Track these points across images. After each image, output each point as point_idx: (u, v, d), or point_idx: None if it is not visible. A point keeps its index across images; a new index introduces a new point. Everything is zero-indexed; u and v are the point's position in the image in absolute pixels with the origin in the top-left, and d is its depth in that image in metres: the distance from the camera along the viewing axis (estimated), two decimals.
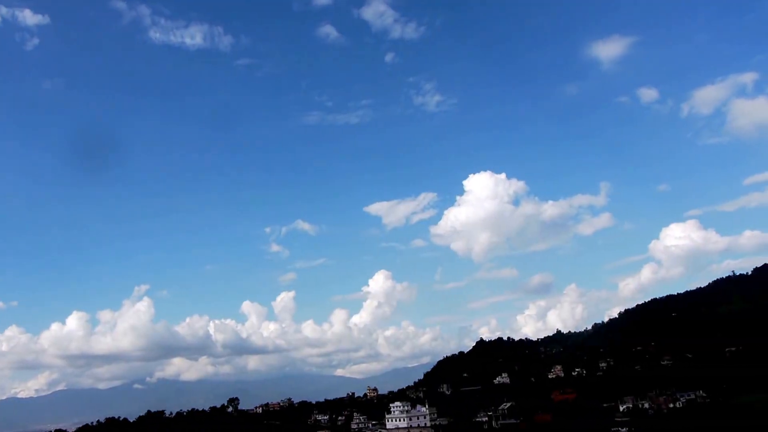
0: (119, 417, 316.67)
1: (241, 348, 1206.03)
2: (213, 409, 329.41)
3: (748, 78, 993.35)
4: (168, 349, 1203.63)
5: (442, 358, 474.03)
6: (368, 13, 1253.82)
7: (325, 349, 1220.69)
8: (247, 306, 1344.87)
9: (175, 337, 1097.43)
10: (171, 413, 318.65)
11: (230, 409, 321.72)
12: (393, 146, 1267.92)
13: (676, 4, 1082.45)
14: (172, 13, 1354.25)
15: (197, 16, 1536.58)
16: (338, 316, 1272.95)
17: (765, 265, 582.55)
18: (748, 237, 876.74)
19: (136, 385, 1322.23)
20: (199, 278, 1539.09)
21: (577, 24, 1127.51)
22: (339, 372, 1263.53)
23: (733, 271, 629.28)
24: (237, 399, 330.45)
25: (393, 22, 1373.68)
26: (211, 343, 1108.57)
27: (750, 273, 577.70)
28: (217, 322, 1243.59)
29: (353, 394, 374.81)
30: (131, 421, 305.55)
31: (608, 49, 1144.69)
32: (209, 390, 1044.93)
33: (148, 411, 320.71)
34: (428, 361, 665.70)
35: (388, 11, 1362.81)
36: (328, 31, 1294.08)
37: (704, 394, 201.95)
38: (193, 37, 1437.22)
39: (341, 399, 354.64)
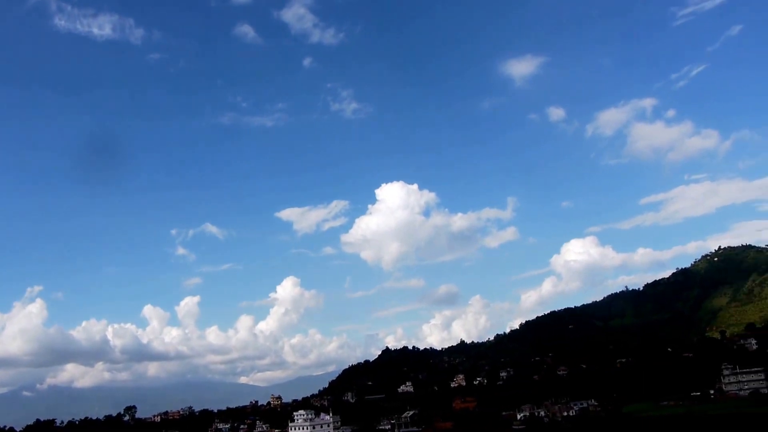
0: (5, 426, 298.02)
1: (140, 354, 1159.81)
2: (108, 417, 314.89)
3: (648, 103, 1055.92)
4: (61, 354, 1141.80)
5: (347, 367, 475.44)
6: (288, 15, 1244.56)
7: (229, 356, 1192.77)
8: (148, 310, 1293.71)
9: (69, 342, 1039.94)
10: (62, 422, 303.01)
11: (127, 417, 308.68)
12: (307, 152, 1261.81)
13: (586, 28, 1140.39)
14: (79, 0, 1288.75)
15: (107, 5, 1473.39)
16: (244, 322, 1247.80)
17: (655, 281, 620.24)
18: (642, 254, 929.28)
19: (24, 393, 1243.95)
20: (98, 280, 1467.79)
21: (493, 41, 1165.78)
22: (243, 380, 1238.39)
23: (626, 287, 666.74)
24: (134, 407, 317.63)
25: (312, 26, 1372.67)
26: (108, 349, 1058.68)
27: (641, 288, 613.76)
28: (115, 326, 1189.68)
29: (256, 402, 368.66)
30: (18, 430, 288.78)
31: (521, 67, 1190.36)
32: (105, 397, 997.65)
33: (37, 420, 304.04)
34: (334, 370, 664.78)
35: (307, 15, 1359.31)
36: (246, 30, 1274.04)
37: (596, 403, 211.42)
38: (102, 27, 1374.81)
39: (244, 407, 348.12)
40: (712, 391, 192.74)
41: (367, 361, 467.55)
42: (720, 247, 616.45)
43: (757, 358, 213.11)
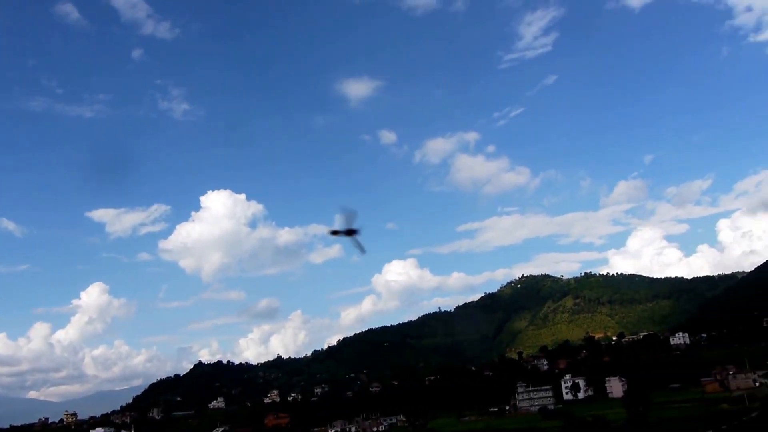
0: None
1: None
2: None
3: (472, 137, 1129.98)
4: None
5: (155, 381, 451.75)
6: (119, 0, 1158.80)
7: (18, 367, 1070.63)
8: None
9: None
10: None
11: None
12: (128, 149, 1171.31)
13: (422, 60, 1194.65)
14: None
15: None
16: (39, 330, 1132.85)
17: (465, 303, 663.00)
18: (456, 278, 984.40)
19: None
20: None
21: (333, 58, 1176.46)
22: (32, 394, 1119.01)
23: (439, 308, 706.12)
24: None
25: (146, 16, 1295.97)
26: None
27: (453, 310, 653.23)
28: None
29: (47, 419, 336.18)
30: None
31: (358, 88, 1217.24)
32: None
33: None
34: (140, 384, 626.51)
35: (141, 4, 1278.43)
36: (69, 10, 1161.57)
37: (404, 418, 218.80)
38: None
39: (31, 425, 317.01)
40: (507, 407, 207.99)
41: (177, 376, 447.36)
42: (523, 275, 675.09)
43: (547, 377, 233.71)
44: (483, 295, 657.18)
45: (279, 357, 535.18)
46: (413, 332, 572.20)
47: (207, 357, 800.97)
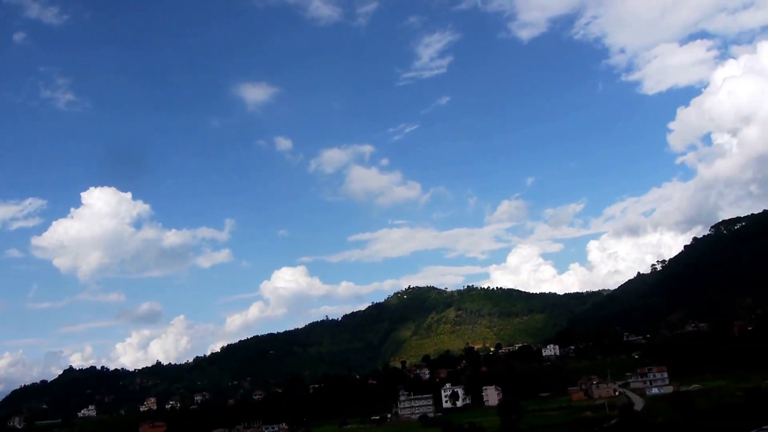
0: None
1: None
2: None
3: (367, 150, 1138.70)
4: None
5: (18, 388, 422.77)
6: None
7: None
8: None
9: None
10: None
11: None
12: (2, 137, 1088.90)
13: (321, 70, 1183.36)
14: None
15: None
16: None
17: (353, 312, 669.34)
18: (344, 287, 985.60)
19: None
20: None
21: (232, 60, 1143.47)
22: None
23: (327, 316, 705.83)
24: None
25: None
26: None
27: (340, 319, 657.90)
28: None
29: None
30: None
31: (255, 93, 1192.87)
32: None
33: None
34: (0, 390, 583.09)
35: None
36: None
37: (286, 426, 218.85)
38: None
39: None
40: (389, 415, 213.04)
41: (44, 382, 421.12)
42: (410, 286, 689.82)
43: (428, 386, 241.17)
44: (370, 304, 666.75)
45: (158, 363, 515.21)
46: (300, 340, 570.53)
47: (79, 362, 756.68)
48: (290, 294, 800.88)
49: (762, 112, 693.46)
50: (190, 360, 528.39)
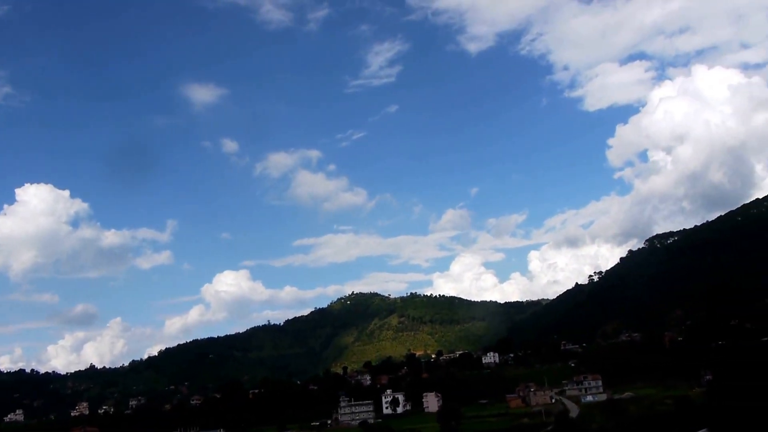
0: None
1: None
2: None
3: (314, 155, 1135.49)
4: None
5: None
6: None
7: None
8: None
9: None
10: None
11: None
12: None
13: (270, 73, 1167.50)
14: None
15: None
16: None
17: (295, 317, 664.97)
18: (287, 292, 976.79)
19: None
20: None
21: (178, 59, 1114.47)
22: None
23: (269, 321, 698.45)
24: None
25: None
26: None
27: (282, 324, 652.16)
28: None
29: None
30: None
31: (202, 94, 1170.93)
32: None
33: None
34: None
35: None
36: None
37: None
38: None
39: None
40: (329, 421, 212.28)
41: None
42: (353, 292, 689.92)
43: (369, 392, 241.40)
44: (313, 309, 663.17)
45: (92, 367, 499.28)
46: (240, 345, 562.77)
47: (7, 365, 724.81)
48: (232, 298, 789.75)
49: (695, 131, 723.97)
50: (126, 364, 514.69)
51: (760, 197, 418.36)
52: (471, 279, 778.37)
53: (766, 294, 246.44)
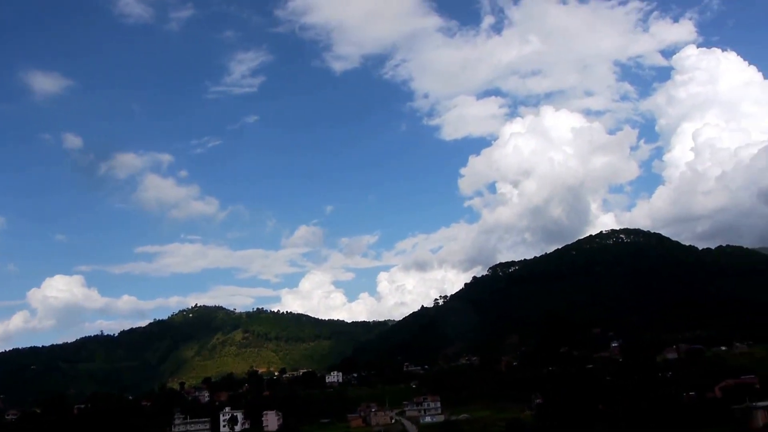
0: None
1: None
2: None
3: (166, 159, 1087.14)
4: None
5: None
6: None
7: None
8: None
9: None
10: None
11: None
12: None
13: (125, 67, 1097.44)
14: None
15: None
16: None
17: (132, 329, 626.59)
18: (125, 301, 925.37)
19: None
20: None
21: (20, 44, 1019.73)
22: None
23: (102, 331, 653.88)
24: None
25: None
26: None
27: (116, 335, 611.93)
28: None
29: None
30: None
31: (45, 83, 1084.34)
32: None
33: None
34: None
35: None
36: None
37: None
38: None
39: None
40: None
41: None
42: (197, 304, 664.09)
43: (206, 409, 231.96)
44: (152, 321, 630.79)
45: None
46: (68, 356, 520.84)
47: None
48: (62, 304, 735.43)
49: (539, 168, 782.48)
50: None
51: (593, 234, 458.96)
52: (320, 297, 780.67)
53: (593, 324, 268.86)
